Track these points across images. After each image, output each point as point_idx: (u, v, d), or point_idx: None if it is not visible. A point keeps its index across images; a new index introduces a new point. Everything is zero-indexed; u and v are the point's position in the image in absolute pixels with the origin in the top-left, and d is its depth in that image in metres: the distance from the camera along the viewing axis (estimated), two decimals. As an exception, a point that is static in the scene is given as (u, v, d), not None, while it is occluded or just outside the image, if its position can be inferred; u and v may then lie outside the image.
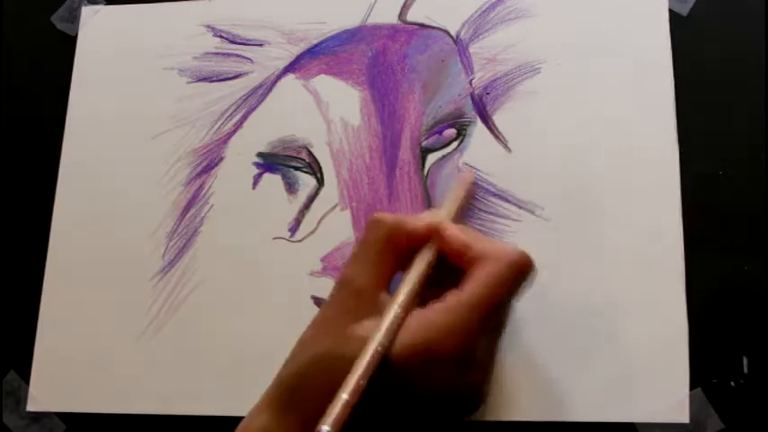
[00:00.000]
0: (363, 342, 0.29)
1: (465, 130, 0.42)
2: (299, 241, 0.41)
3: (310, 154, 0.42)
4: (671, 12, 0.42)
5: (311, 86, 0.43)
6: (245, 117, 0.44)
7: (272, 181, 0.43)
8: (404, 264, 0.34)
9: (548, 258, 0.39)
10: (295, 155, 0.43)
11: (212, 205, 0.43)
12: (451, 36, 0.43)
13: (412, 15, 0.44)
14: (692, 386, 0.37)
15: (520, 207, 0.40)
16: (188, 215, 0.43)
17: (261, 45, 0.45)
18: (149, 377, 0.41)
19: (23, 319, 0.43)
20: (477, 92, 0.42)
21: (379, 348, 0.29)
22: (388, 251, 0.33)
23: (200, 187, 0.43)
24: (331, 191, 0.42)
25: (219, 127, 0.44)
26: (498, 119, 0.42)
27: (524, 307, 0.39)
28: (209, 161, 0.44)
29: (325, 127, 0.43)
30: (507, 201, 0.40)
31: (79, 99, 0.46)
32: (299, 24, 0.45)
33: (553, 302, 0.38)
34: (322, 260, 0.41)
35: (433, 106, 0.42)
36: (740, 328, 0.37)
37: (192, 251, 0.42)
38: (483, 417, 0.37)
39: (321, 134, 0.43)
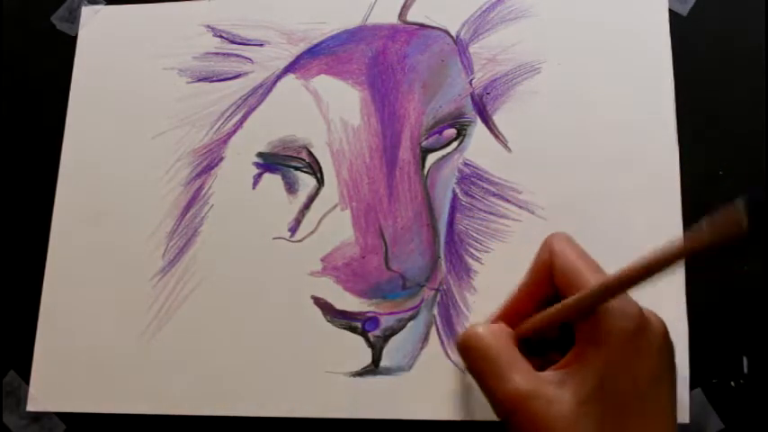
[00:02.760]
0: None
1: (465, 130, 0.42)
2: (299, 241, 0.41)
3: (310, 154, 0.42)
4: (671, 12, 0.42)
5: (311, 86, 0.43)
6: (245, 117, 0.44)
7: (272, 181, 0.43)
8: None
9: (548, 258, 0.39)
10: (295, 155, 0.43)
11: (212, 205, 0.43)
12: (451, 36, 0.43)
13: (412, 15, 0.44)
14: (692, 386, 0.37)
15: (520, 207, 0.40)
16: (188, 215, 0.43)
17: (261, 45, 0.45)
18: (149, 377, 0.41)
19: (23, 319, 0.43)
20: (477, 92, 0.42)
21: None
22: (499, 346, 0.32)
23: (201, 187, 0.43)
24: (331, 191, 0.42)
25: (219, 127, 0.44)
26: (498, 119, 0.42)
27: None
28: (209, 161, 0.44)
29: (325, 127, 0.43)
30: (507, 201, 0.40)
31: (79, 99, 0.46)
32: (299, 24, 0.45)
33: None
34: (322, 260, 0.41)
35: (433, 106, 0.42)
36: (740, 328, 0.37)
37: (192, 251, 0.42)
38: (484, 417, 0.37)
39: (321, 134, 0.43)
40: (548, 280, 0.33)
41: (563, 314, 0.32)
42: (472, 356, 0.33)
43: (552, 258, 0.33)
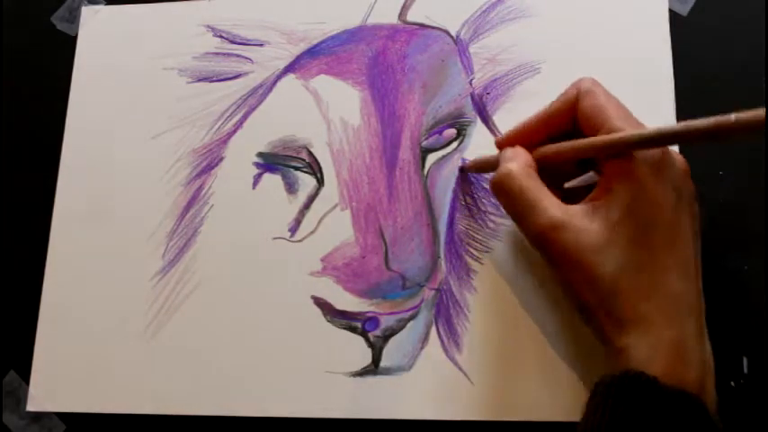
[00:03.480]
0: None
1: (465, 130, 0.42)
2: (299, 241, 0.41)
3: (310, 154, 0.42)
4: (671, 12, 0.42)
5: (311, 86, 0.43)
6: (245, 117, 0.44)
7: (272, 181, 0.43)
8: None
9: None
10: (295, 155, 0.43)
11: (212, 205, 0.43)
12: (451, 36, 0.43)
13: (412, 15, 0.44)
14: (692, 386, 0.37)
15: (520, 207, 0.40)
16: (188, 215, 0.43)
17: (261, 45, 0.45)
18: (149, 377, 0.41)
19: (23, 319, 0.43)
20: (477, 92, 0.42)
21: None
22: (531, 184, 0.34)
23: (200, 187, 0.43)
24: (331, 191, 0.42)
25: (219, 127, 0.44)
26: (498, 119, 0.42)
27: (525, 307, 0.39)
28: (209, 161, 0.44)
29: (325, 127, 0.43)
30: (507, 201, 0.40)
31: (79, 99, 0.46)
32: (299, 24, 0.45)
33: (553, 303, 0.38)
34: (322, 260, 0.41)
35: (433, 106, 0.42)
36: (740, 328, 0.37)
37: (192, 251, 0.42)
38: (484, 417, 0.37)
39: (321, 134, 0.43)
40: (568, 116, 0.35)
41: (595, 149, 0.33)
42: (507, 196, 0.35)
43: (580, 96, 0.34)
